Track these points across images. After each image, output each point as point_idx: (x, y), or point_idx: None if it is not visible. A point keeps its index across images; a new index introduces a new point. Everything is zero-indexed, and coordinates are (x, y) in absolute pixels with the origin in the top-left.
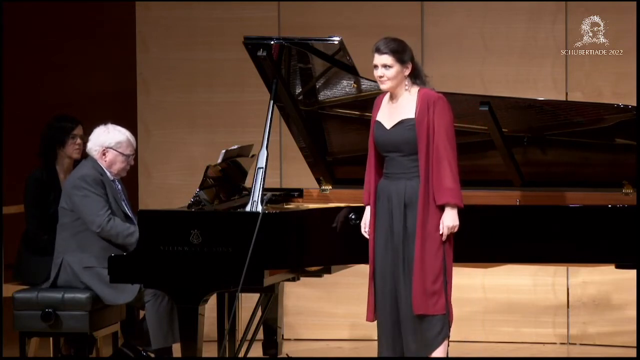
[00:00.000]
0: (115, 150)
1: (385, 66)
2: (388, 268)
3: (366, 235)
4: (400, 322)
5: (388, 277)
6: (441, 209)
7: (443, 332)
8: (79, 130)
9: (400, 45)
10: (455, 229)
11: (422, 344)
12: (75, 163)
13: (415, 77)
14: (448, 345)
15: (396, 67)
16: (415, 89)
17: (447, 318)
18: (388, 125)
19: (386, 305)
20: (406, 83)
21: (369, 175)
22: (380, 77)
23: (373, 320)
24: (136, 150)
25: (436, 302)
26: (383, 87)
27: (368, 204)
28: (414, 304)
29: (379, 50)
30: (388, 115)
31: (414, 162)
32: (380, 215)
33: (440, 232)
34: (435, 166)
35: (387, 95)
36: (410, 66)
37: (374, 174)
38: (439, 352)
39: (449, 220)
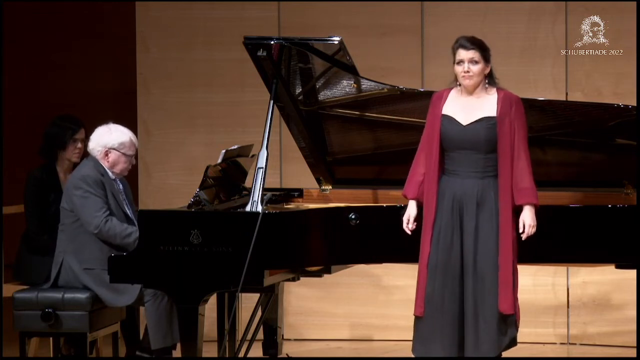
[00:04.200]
0: (118, 151)
1: (472, 61)
2: (453, 264)
3: (407, 230)
4: (464, 320)
5: (453, 273)
6: (518, 208)
7: (511, 331)
8: (81, 135)
9: (484, 43)
10: (534, 230)
11: (495, 344)
12: (75, 164)
13: (491, 77)
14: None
15: (481, 64)
16: (492, 89)
17: (515, 317)
18: (464, 121)
19: (444, 301)
20: (486, 82)
21: (427, 169)
22: (467, 72)
23: (424, 314)
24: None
25: (514, 301)
26: (467, 82)
27: (413, 198)
28: (502, 304)
29: (465, 47)
30: (462, 111)
31: (490, 161)
32: (444, 212)
33: (521, 232)
34: (515, 165)
35: (454, 91)
36: (489, 66)
37: (437, 169)
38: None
39: (531, 219)
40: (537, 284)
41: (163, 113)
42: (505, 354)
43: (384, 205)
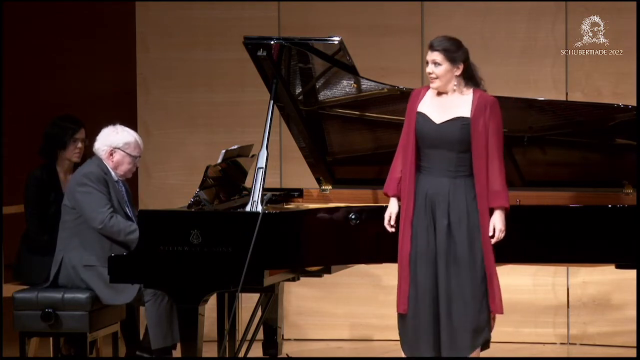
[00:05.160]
0: (123, 151)
1: (435, 63)
2: (429, 263)
3: (389, 228)
4: (440, 318)
5: (429, 272)
6: (490, 210)
7: (486, 331)
8: (81, 134)
9: (453, 44)
10: (503, 234)
11: (470, 342)
12: (75, 164)
13: (468, 78)
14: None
15: (445, 66)
16: (469, 90)
17: (489, 318)
18: (437, 119)
19: (425, 298)
20: (455, 83)
21: (404, 166)
22: (429, 73)
23: (406, 312)
24: None
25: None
26: (432, 85)
27: (394, 196)
28: (493, 305)
29: (431, 47)
30: (436, 109)
31: (461, 161)
32: (419, 209)
33: (491, 235)
34: (489, 168)
35: (431, 90)
36: (461, 67)
37: (413, 166)
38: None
39: (501, 223)
40: (537, 284)
41: (163, 113)
42: (505, 354)
43: (384, 205)
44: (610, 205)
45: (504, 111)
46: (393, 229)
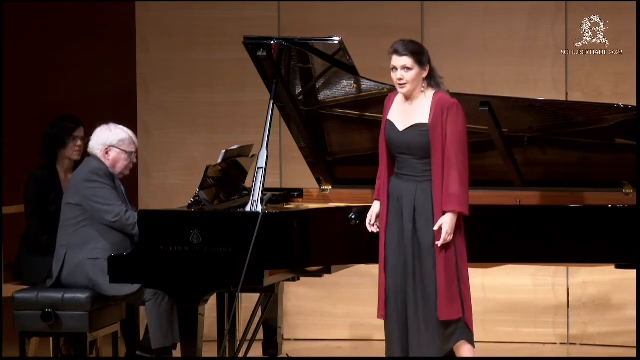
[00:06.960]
0: (118, 148)
1: (405, 68)
2: (399, 268)
3: (370, 228)
4: (408, 323)
5: (399, 276)
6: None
7: (457, 335)
8: (80, 132)
9: (418, 47)
10: (450, 237)
11: (438, 346)
12: (76, 163)
13: (431, 79)
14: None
15: (416, 70)
16: (430, 92)
17: (463, 322)
18: (401, 127)
19: (397, 304)
20: (423, 85)
21: (381, 172)
22: (400, 79)
23: (385, 317)
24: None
25: (454, 307)
26: (402, 90)
27: (377, 200)
28: (439, 310)
29: (397, 52)
30: (401, 116)
31: (426, 166)
32: (392, 214)
33: (436, 229)
34: (446, 172)
35: (400, 94)
36: (427, 69)
37: (386, 172)
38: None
39: (449, 226)
40: (537, 284)
41: (163, 113)
42: (504, 354)
43: None
44: (610, 205)
45: (504, 111)
46: (374, 229)
